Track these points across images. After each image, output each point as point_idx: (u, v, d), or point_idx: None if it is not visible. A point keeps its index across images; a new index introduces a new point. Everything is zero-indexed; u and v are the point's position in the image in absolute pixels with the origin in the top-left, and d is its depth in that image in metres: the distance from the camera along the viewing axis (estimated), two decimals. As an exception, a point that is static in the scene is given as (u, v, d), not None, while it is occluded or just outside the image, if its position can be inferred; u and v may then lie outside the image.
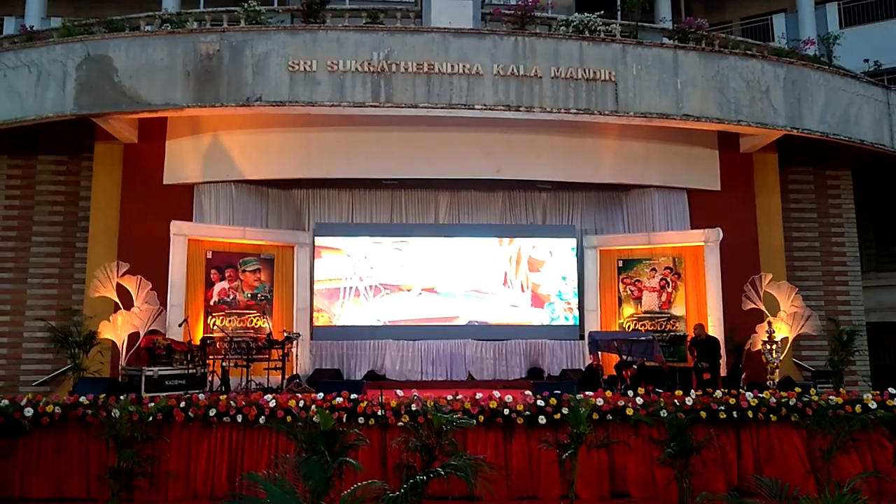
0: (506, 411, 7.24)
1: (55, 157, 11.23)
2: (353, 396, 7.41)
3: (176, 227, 10.17)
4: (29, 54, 9.62)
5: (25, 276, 10.95)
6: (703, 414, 7.06)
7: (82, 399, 7.27)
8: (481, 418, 7.16)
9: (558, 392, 7.43)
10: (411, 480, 3.34)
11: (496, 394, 7.55)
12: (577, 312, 11.51)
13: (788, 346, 10.22)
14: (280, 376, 9.53)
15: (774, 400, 7.26)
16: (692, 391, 7.58)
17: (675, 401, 7.22)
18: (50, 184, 11.19)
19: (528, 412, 7.22)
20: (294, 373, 10.14)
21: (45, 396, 7.58)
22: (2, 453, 7.12)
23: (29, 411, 7.12)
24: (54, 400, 7.30)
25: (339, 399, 7.34)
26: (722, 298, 10.57)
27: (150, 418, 6.76)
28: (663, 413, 6.88)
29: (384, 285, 11.45)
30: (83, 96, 9.47)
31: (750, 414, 7.18)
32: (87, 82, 9.46)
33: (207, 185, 10.84)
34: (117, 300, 9.73)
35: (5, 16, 14.70)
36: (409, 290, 11.45)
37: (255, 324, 10.70)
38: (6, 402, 7.18)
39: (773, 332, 9.30)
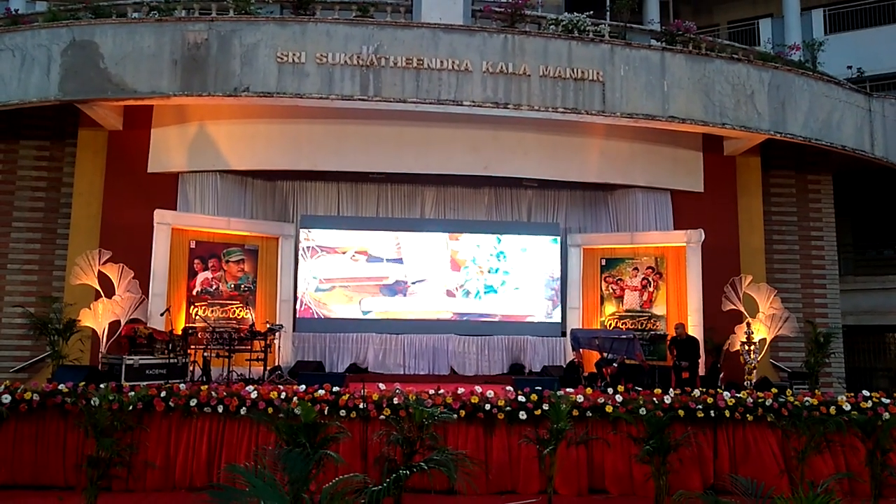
0: (487, 406, 7.30)
1: (38, 142, 11.08)
2: (335, 389, 7.44)
3: (160, 215, 10.09)
4: (13, 38, 9.49)
5: (5, 261, 10.80)
6: (681, 412, 7.17)
7: (61, 387, 7.24)
8: (462, 413, 7.22)
9: (539, 388, 7.50)
10: (394, 474, 3.36)
11: (478, 389, 7.61)
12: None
13: (766, 347, 10.37)
14: (262, 367, 9.51)
15: (751, 400, 7.39)
16: (671, 390, 7.69)
17: (654, 399, 7.33)
18: (32, 169, 11.03)
19: (508, 408, 7.29)
20: (276, 364, 10.12)
21: (24, 383, 7.53)
22: (-21, 440, 7.07)
23: (7, 398, 7.07)
24: (33, 387, 7.25)
25: (321, 391, 7.36)
26: (702, 299, 10.69)
27: (130, 407, 6.73)
28: (642, 411, 6.96)
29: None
30: (68, 82, 9.36)
31: (727, 413, 7.31)
32: (72, 68, 9.35)
33: (192, 174, 10.75)
34: (98, 288, 9.64)
35: (-11, -2, 14.44)
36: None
37: (238, 314, 10.65)
38: (-17, 388, 7.12)
39: (752, 332, 9.42)
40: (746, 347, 9.19)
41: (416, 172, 11.35)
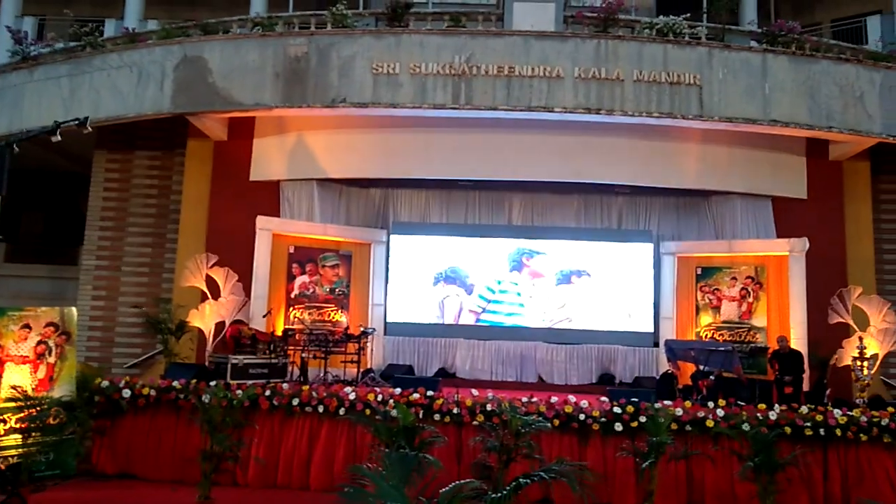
0: (581, 416, 7.24)
1: (150, 152, 11.77)
2: (430, 393, 7.56)
3: (262, 222, 10.53)
4: (131, 55, 10.17)
5: (120, 264, 11.53)
6: (787, 430, 6.88)
7: (175, 383, 7.69)
8: (556, 422, 7.18)
9: (635, 400, 7.38)
10: (514, 483, 3.42)
11: (571, 398, 7.56)
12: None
13: (878, 363, 9.76)
14: (356, 369, 9.76)
15: (865, 419, 7.00)
16: (776, 406, 7.39)
17: (758, 415, 7.06)
18: (145, 178, 11.73)
19: (604, 419, 7.21)
20: (368, 367, 10.37)
21: (140, 379, 8.04)
22: (101, 431, 7.61)
23: (127, 393, 7.59)
24: (150, 383, 7.74)
25: (416, 395, 7.50)
26: (806, 311, 10.20)
27: (239, 405, 7.07)
28: (745, 426, 6.73)
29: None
30: (179, 96, 9.94)
31: (838, 432, 6.95)
32: (184, 82, 9.92)
33: (291, 182, 11.18)
34: (206, 290, 10.17)
35: (106, 17, 15.53)
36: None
37: (333, 317, 10.99)
38: (107, 383, 7.67)
39: (864, 347, 8.90)
40: (859, 363, 8.68)
41: (505, 179, 11.36)
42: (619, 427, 7.12)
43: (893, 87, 9.88)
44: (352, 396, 7.48)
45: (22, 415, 6.77)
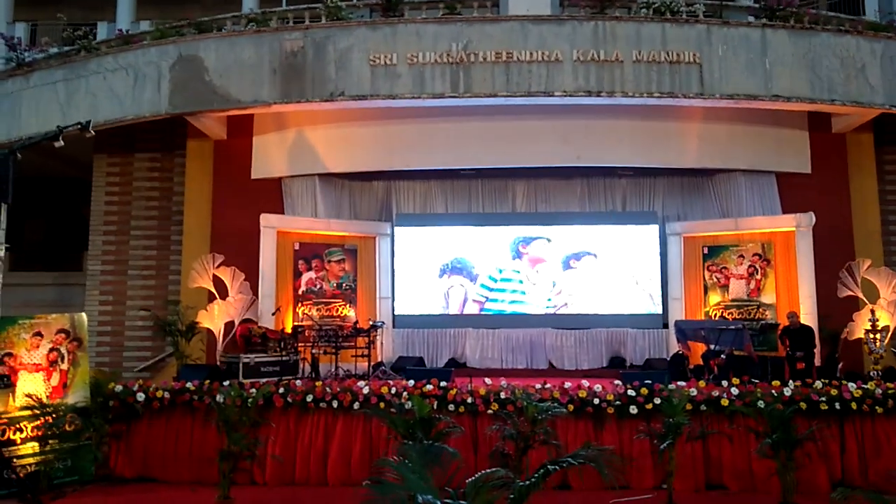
0: (595, 401, 7.24)
1: (150, 154, 11.71)
2: (443, 384, 7.56)
3: (265, 219, 10.50)
4: (126, 57, 10.09)
5: (125, 268, 11.50)
6: (803, 405, 6.87)
7: (189, 385, 7.68)
8: (571, 408, 7.18)
9: (649, 382, 7.38)
10: (542, 469, 3.42)
11: (585, 383, 7.56)
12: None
13: (889, 335, 9.75)
14: (366, 363, 9.76)
15: (880, 391, 6.99)
16: (790, 382, 7.38)
17: (773, 391, 7.05)
18: (146, 180, 11.67)
19: (618, 402, 7.20)
20: (379, 360, 10.37)
21: (153, 382, 8.04)
22: (118, 436, 7.62)
23: (141, 396, 7.59)
24: (163, 385, 7.73)
25: (429, 386, 7.50)
26: (815, 285, 10.18)
27: (254, 404, 7.07)
28: (761, 404, 6.73)
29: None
30: (177, 96, 9.87)
31: (853, 406, 6.94)
32: (180, 82, 9.85)
33: (293, 178, 11.15)
34: (214, 290, 10.16)
35: (98, 20, 15.41)
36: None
37: (341, 312, 10.98)
38: (121, 387, 7.67)
39: (877, 320, 8.87)
40: (872, 336, 8.66)
41: (507, 167, 11.32)
42: (634, 410, 7.12)
43: (895, 58, 9.81)
44: (365, 390, 7.48)
45: (38, 422, 6.82)
